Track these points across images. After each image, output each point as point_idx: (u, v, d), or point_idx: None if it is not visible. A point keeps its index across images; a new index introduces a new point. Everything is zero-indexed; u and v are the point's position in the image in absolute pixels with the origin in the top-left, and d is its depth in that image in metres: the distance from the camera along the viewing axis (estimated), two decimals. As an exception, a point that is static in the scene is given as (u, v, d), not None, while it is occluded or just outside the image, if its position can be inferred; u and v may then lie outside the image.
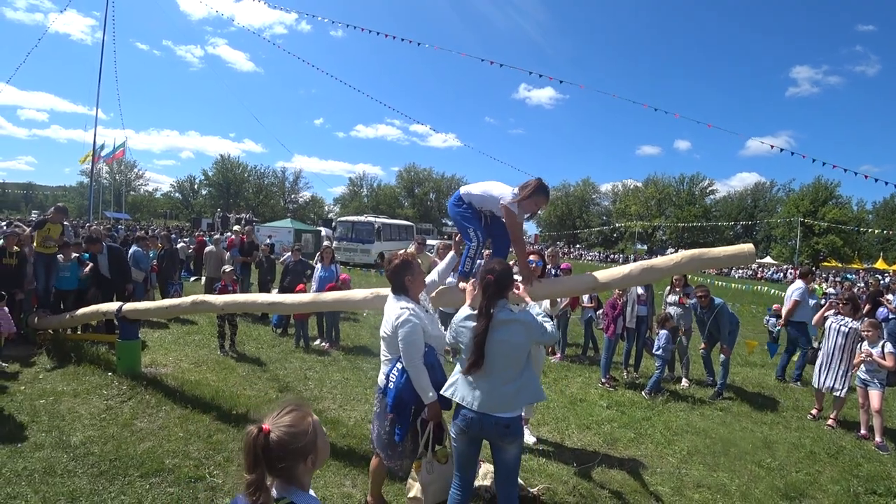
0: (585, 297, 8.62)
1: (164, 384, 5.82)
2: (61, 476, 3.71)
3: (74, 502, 3.40)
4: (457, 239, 4.21)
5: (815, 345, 7.75)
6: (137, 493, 3.56)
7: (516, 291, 3.49)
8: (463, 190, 4.00)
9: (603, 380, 7.20)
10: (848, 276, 37.31)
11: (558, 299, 5.38)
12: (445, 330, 3.27)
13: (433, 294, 3.88)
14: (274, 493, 1.46)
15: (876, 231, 47.99)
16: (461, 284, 3.83)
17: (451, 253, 4.12)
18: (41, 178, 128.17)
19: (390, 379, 3.19)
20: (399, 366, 3.19)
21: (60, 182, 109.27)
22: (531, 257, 4.67)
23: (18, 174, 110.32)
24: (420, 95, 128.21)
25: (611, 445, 5.04)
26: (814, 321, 7.30)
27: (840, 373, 6.11)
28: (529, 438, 4.91)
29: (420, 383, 3.10)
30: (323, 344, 8.37)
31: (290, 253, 10.04)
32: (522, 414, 4.85)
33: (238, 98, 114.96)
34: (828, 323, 6.44)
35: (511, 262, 3.68)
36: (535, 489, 3.88)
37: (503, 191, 3.77)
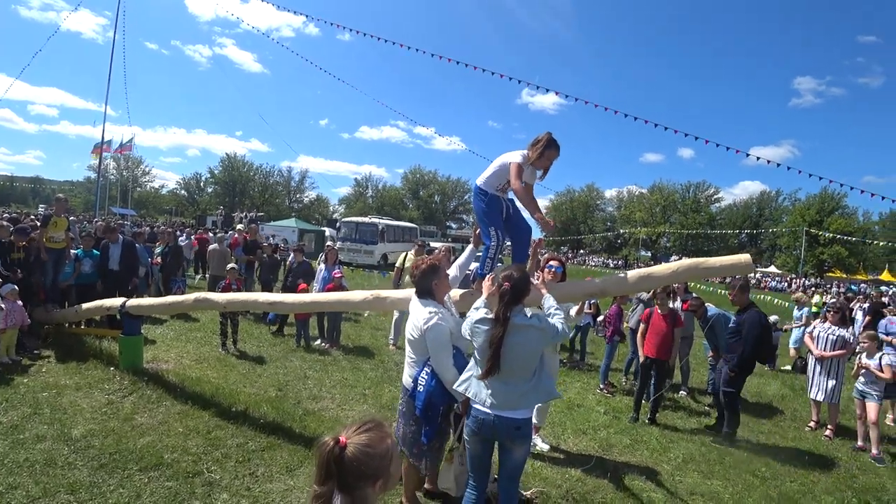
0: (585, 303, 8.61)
1: (165, 380, 5.88)
2: (62, 468, 3.76)
3: (74, 494, 3.45)
4: (476, 232, 4.19)
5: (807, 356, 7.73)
6: (136, 486, 3.61)
7: (534, 282, 3.55)
8: (479, 180, 3.94)
9: (601, 386, 7.22)
10: (852, 286, 37.12)
11: (584, 309, 5.41)
12: None
13: (457, 297, 3.88)
14: None
15: (881, 243, 47.74)
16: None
17: (471, 246, 4.17)
18: (49, 172, 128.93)
19: (419, 382, 3.28)
20: (428, 369, 3.28)
21: (68, 177, 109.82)
22: (552, 262, 4.70)
23: (27, 168, 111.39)
24: (424, 98, 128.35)
25: (606, 451, 5.07)
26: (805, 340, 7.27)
27: (830, 381, 6.16)
28: (543, 446, 4.95)
29: (452, 384, 3.18)
30: (324, 344, 8.42)
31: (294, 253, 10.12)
32: (534, 421, 4.92)
33: (245, 98, 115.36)
34: (815, 332, 6.48)
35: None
36: (529, 492, 3.91)
37: (513, 156, 3.78)
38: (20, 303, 6.40)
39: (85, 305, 6.92)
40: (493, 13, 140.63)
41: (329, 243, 16.58)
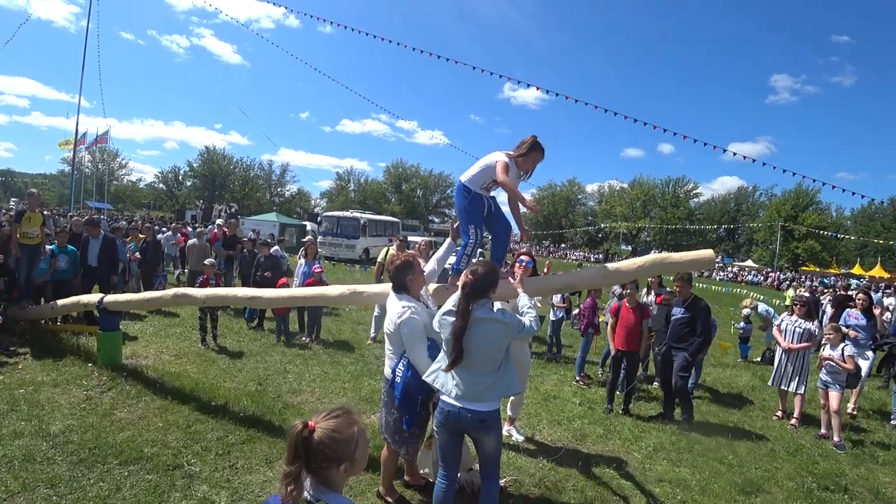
0: (557, 298, 8.69)
1: (144, 375, 5.87)
2: (41, 463, 3.78)
3: (54, 488, 3.48)
4: (455, 226, 4.23)
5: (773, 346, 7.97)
6: (116, 479, 3.65)
7: (511, 280, 3.66)
8: (464, 177, 4.00)
9: (577, 378, 7.38)
10: (825, 280, 38.08)
11: (550, 302, 5.56)
12: None
13: (432, 291, 3.95)
14: (309, 490, 1.50)
15: (853, 237, 49.05)
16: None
17: (448, 239, 4.24)
18: (20, 164, 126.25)
19: (397, 374, 3.41)
20: (405, 361, 3.40)
21: (40, 170, 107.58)
22: (522, 257, 4.80)
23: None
24: (406, 92, 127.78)
25: (579, 441, 5.21)
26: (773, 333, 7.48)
27: (795, 372, 6.40)
28: (518, 437, 5.06)
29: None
30: (304, 338, 8.45)
31: (276, 247, 10.10)
32: (509, 413, 5.04)
33: (224, 90, 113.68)
34: (783, 325, 6.72)
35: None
36: (503, 481, 4.02)
37: (499, 155, 3.86)
38: None
39: (61, 302, 6.86)
40: (476, 7, 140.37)
41: (309, 237, 16.57)
